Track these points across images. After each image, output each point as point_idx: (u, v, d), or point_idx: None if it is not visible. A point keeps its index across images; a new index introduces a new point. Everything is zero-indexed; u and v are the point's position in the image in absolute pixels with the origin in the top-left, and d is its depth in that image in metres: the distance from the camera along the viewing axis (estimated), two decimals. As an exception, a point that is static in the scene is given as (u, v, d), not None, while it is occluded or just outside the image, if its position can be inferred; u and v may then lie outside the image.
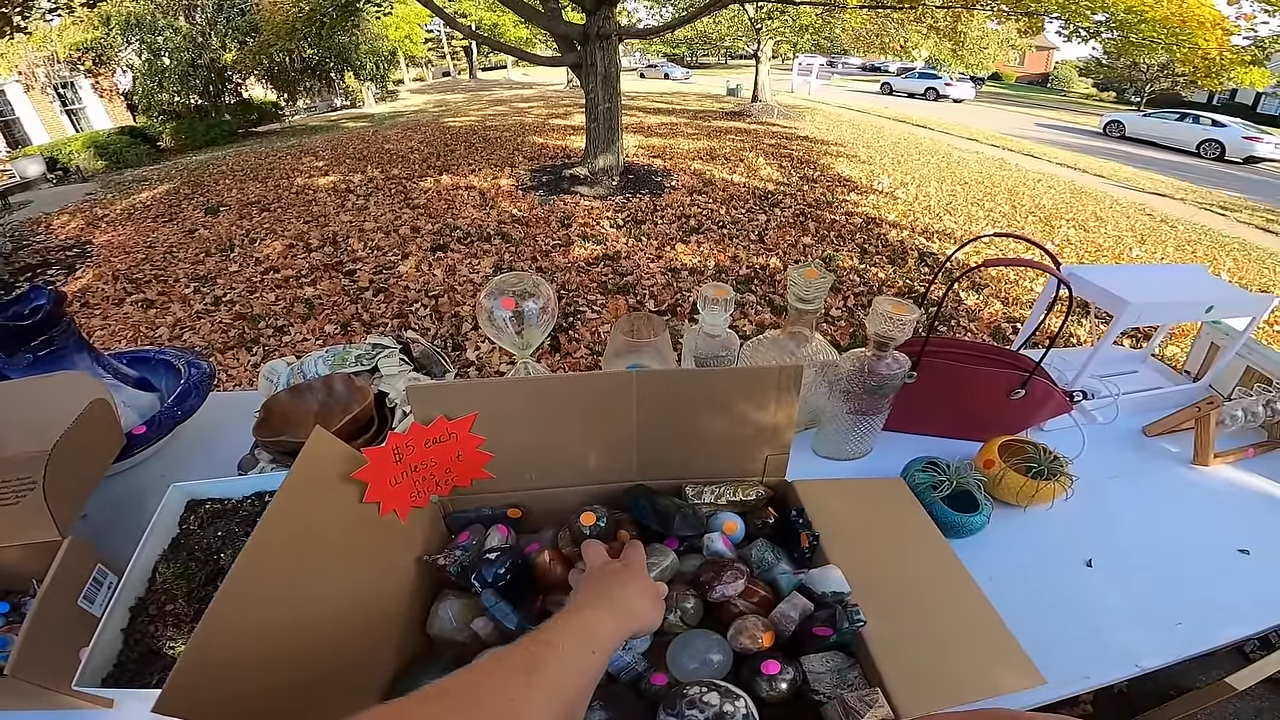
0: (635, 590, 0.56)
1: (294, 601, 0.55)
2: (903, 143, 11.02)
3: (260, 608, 0.51)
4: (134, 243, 5.46)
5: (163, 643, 0.70)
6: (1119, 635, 0.75)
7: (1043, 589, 0.80)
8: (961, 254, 4.82)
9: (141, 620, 0.72)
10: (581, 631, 0.49)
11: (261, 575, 0.52)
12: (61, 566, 0.74)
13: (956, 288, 4.20)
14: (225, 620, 0.48)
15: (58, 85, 14.61)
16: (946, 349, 1.03)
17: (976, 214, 6.42)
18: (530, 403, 0.72)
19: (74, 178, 11.39)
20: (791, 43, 14.40)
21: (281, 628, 0.53)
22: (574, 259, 4.59)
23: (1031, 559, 0.85)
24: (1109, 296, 1.03)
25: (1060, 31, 6.61)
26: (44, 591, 0.71)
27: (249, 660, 0.50)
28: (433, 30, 25.30)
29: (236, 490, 0.87)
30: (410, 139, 10.44)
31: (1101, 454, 1.05)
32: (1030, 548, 0.87)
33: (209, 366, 1.20)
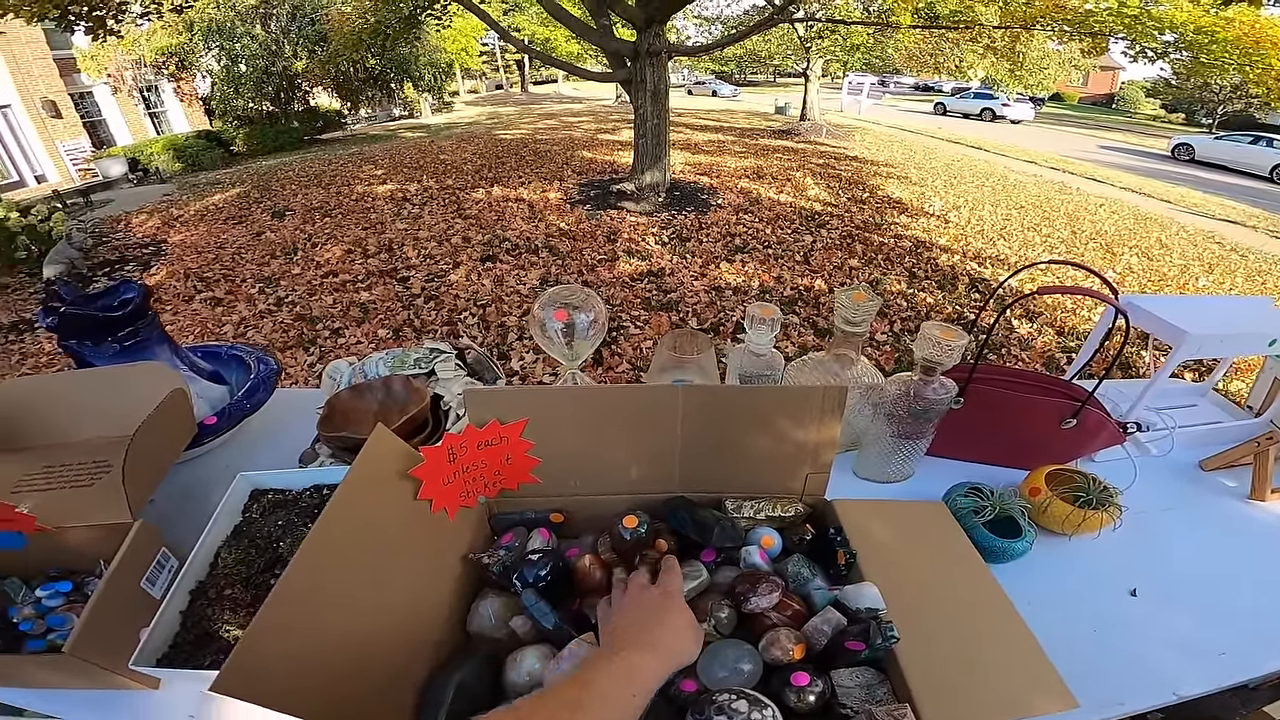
0: (678, 625, 0.57)
1: (348, 591, 0.58)
2: (956, 164, 10.81)
3: (317, 595, 0.54)
4: (205, 243, 5.78)
5: (219, 626, 0.73)
6: (1158, 663, 0.74)
7: (1083, 616, 0.80)
8: (1015, 281, 4.71)
9: (200, 604, 0.75)
10: (624, 675, 0.50)
11: (321, 564, 0.55)
12: (130, 548, 0.77)
13: (1008, 315, 4.10)
14: (285, 606, 0.50)
15: (143, 88, 15.35)
16: (995, 376, 1.03)
17: (1033, 239, 6.25)
18: (579, 411, 0.75)
19: (153, 179, 12.06)
20: (842, 61, 14.25)
21: (335, 615, 0.55)
22: (619, 274, 4.66)
23: (1074, 586, 0.84)
24: (1167, 327, 1.01)
25: (1126, 52, 6.40)
26: (111, 572, 0.74)
27: (303, 645, 0.52)
28: (487, 44, 25.99)
29: (297, 482, 0.91)
30: (464, 150, 10.76)
31: (1154, 486, 1.03)
32: (1073, 575, 0.86)
33: (276, 363, 1.28)
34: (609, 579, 0.72)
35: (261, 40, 14.53)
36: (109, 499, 0.84)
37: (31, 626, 0.80)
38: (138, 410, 0.92)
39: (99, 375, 1.05)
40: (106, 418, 1.00)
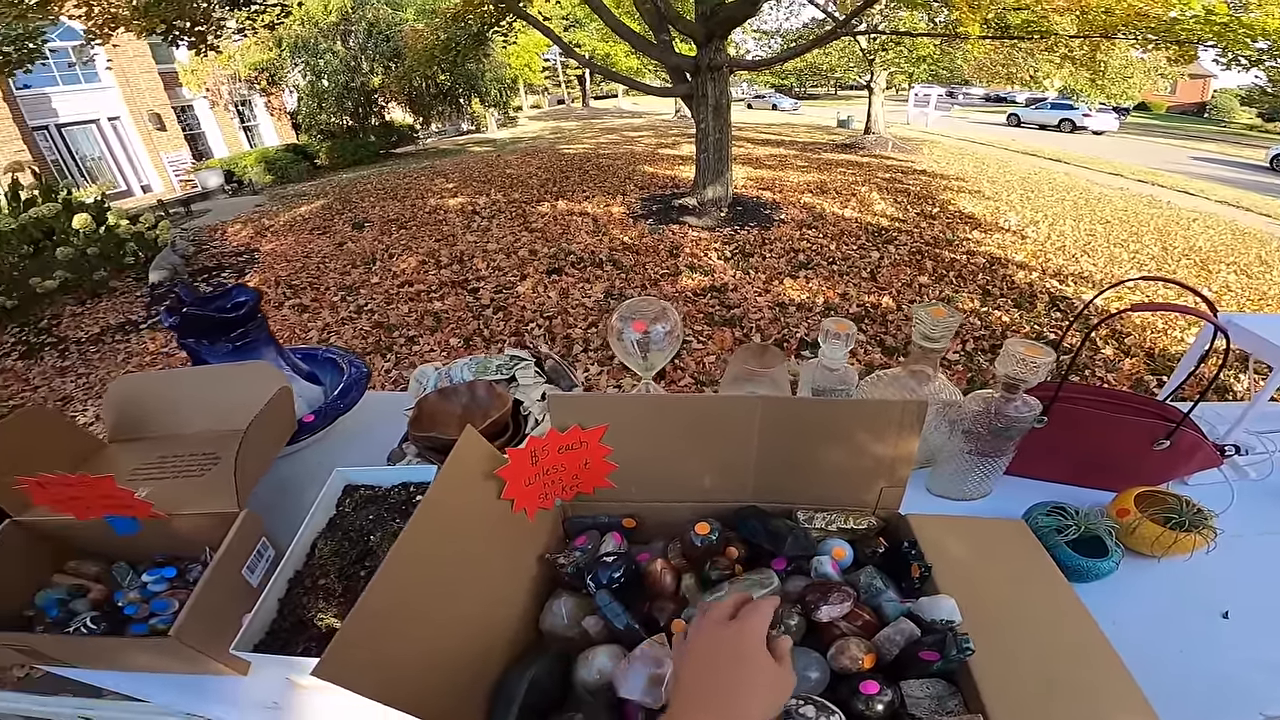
0: (756, 683, 0.47)
1: (435, 584, 0.60)
2: (1033, 178, 10.36)
3: (409, 587, 0.56)
4: (294, 252, 6.18)
5: (314, 614, 0.75)
6: (1247, 684, 0.71)
7: (1171, 637, 0.77)
8: (1100, 300, 4.47)
9: (297, 592, 0.78)
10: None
11: (414, 558, 0.58)
12: (237, 537, 0.81)
13: (1094, 336, 3.90)
14: (381, 596, 0.52)
15: (237, 102, 16.38)
16: (1082, 395, 1.00)
17: (1119, 256, 5.92)
18: (657, 419, 0.77)
19: (246, 190, 12.96)
20: (907, 73, 13.93)
21: (423, 607, 0.58)
22: (681, 289, 4.69)
23: (1162, 608, 0.81)
24: (1269, 347, 0.96)
25: (1217, 60, 6.01)
26: (218, 559, 0.78)
27: (394, 635, 0.54)
28: (549, 59, 26.56)
29: (386, 479, 0.94)
30: (529, 164, 11.09)
31: (1252, 510, 0.97)
32: (1162, 597, 0.83)
33: (366, 367, 1.36)
34: (679, 583, 0.73)
35: (342, 56, 15.21)
36: (217, 489, 0.90)
37: (136, 610, 0.84)
38: (245, 406, 0.98)
39: (210, 373, 1.13)
40: (216, 412, 1.07)
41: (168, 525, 0.87)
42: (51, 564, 0.92)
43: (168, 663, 0.77)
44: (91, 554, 0.93)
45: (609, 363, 3.51)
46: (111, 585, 0.88)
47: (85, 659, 0.81)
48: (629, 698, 0.59)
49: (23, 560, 0.88)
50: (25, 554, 0.89)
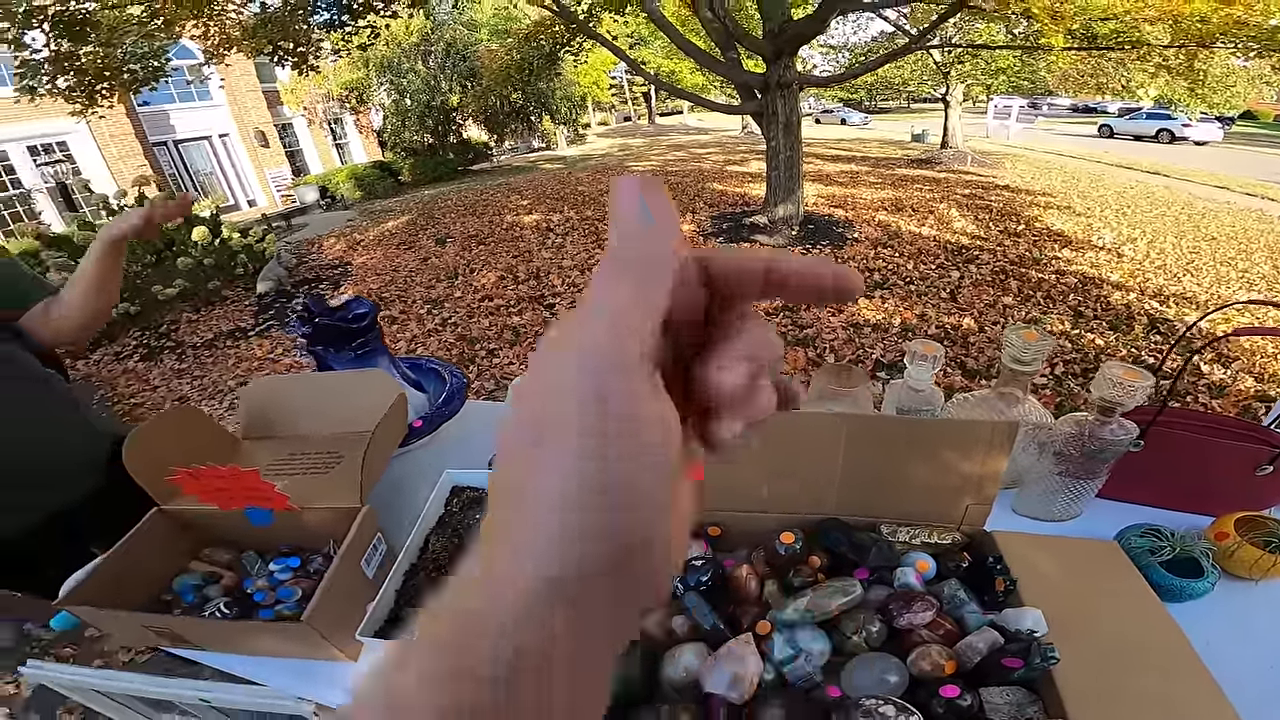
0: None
1: None
2: (1129, 192, 9.73)
3: None
4: (383, 266, 6.58)
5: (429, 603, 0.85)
6: None
7: (1266, 658, 0.75)
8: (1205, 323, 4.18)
9: (412, 584, 0.86)
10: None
11: None
12: (359, 531, 0.87)
13: (1195, 360, 3.66)
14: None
15: (330, 121, 17.44)
16: (1179, 419, 0.98)
17: (1227, 275, 5.50)
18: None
19: (338, 205, 13.75)
20: (985, 85, 13.37)
21: None
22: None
23: (1259, 630, 0.79)
24: None
25: None
26: (344, 551, 0.84)
27: None
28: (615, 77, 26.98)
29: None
30: (599, 181, 11.33)
31: None
32: (1259, 619, 0.81)
33: (465, 377, 1.47)
34: (762, 589, 0.77)
35: (422, 76, 15.87)
36: (341, 486, 0.99)
37: (264, 597, 0.90)
38: (364, 410, 1.08)
39: (334, 378, 1.24)
40: (339, 415, 1.16)
41: (295, 518, 0.95)
42: (189, 552, 1.00)
43: (294, 646, 0.83)
44: (224, 543, 1.02)
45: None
46: (241, 573, 0.96)
47: (219, 641, 0.88)
48: (714, 692, 0.63)
49: (164, 547, 0.98)
50: (167, 541, 0.98)
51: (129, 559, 0.91)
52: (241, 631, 0.84)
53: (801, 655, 0.67)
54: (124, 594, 0.88)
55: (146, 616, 0.81)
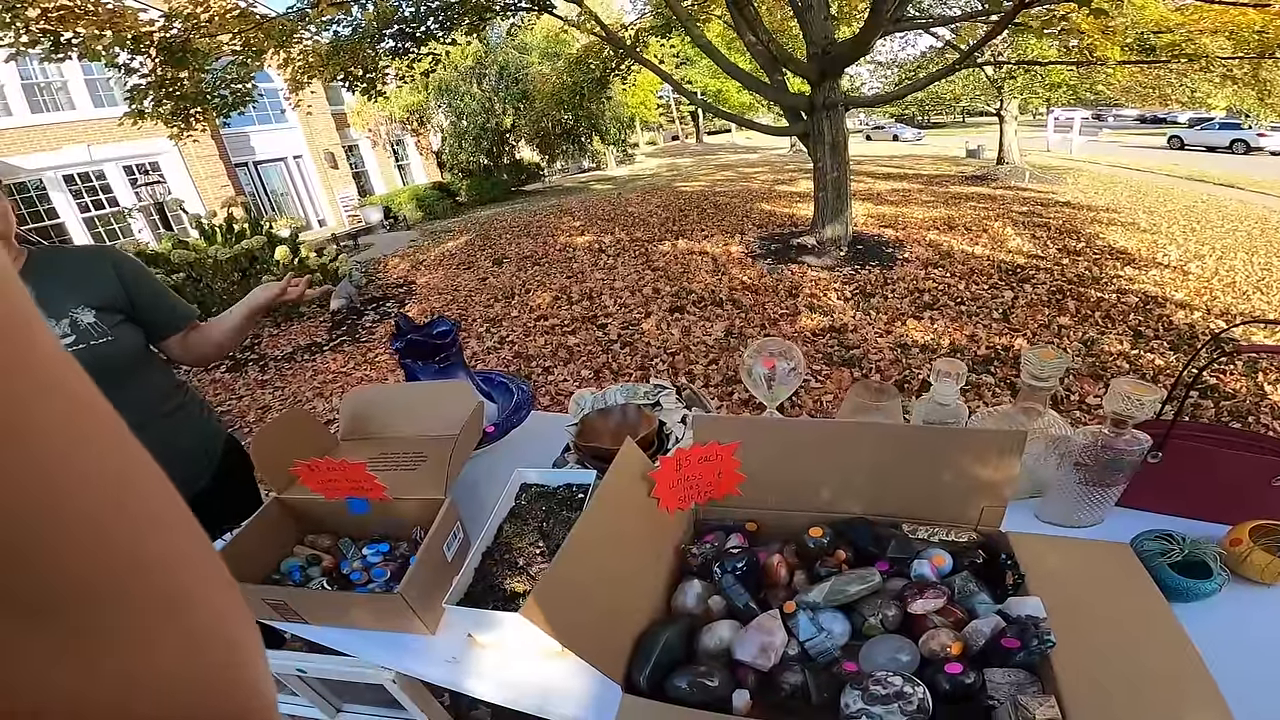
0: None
1: (601, 559, 0.77)
2: (1198, 207, 9.29)
3: (583, 559, 0.73)
4: (444, 285, 6.88)
5: (501, 580, 0.96)
6: None
7: (1269, 658, 0.79)
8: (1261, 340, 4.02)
9: (488, 563, 1.00)
10: None
11: (587, 536, 0.76)
12: (444, 518, 1.01)
13: (1259, 381, 3.53)
14: (565, 563, 0.69)
15: (393, 142, 17.88)
16: (1198, 432, 1.04)
17: (1301, 293, 5.25)
18: (783, 440, 0.93)
19: (400, 225, 14.18)
20: (1043, 98, 12.96)
21: (592, 575, 0.74)
22: (800, 329, 4.72)
23: (1268, 633, 0.83)
24: None
25: None
26: (432, 534, 0.98)
27: (572, 593, 0.69)
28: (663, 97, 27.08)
29: (554, 479, 1.17)
30: (648, 202, 11.50)
31: None
32: (1269, 622, 0.85)
33: (530, 389, 1.63)
34: (791, 577, 0.86)
35: (478, 98, 16.31)
36: (428, 481, 1.13)
37: (359, 577, 1.04)
38: (446, 417, 1.23)
39: (421, 388, 1.41)
40: (424, 420, 1.32)
41: (386, 508, 1.10)
42: (295, 538, 1.16)
43: (384, 617, 0.95)
44: (324, 530, 1.18)
45: (728, 398, 3.66)
46: (339, 556, 1.11)
47: (323, 612, 0.99)
48: (743, 659, 0.72)
49: (277, 531, 1.14)
50: (279, 526, 1.14)
51: (249, 540, 1.07)
52: (342, 603, 0.97)
53: (823, 633, 0.74)
54: (241, 573, 1.00)
55: (265, 589, 0.95)
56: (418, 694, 1.07)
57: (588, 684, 0.87)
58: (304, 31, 7.11)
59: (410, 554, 1.05)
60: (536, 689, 0.88)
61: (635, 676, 0.71)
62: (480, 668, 0.92)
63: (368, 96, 7.91)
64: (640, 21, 9.84)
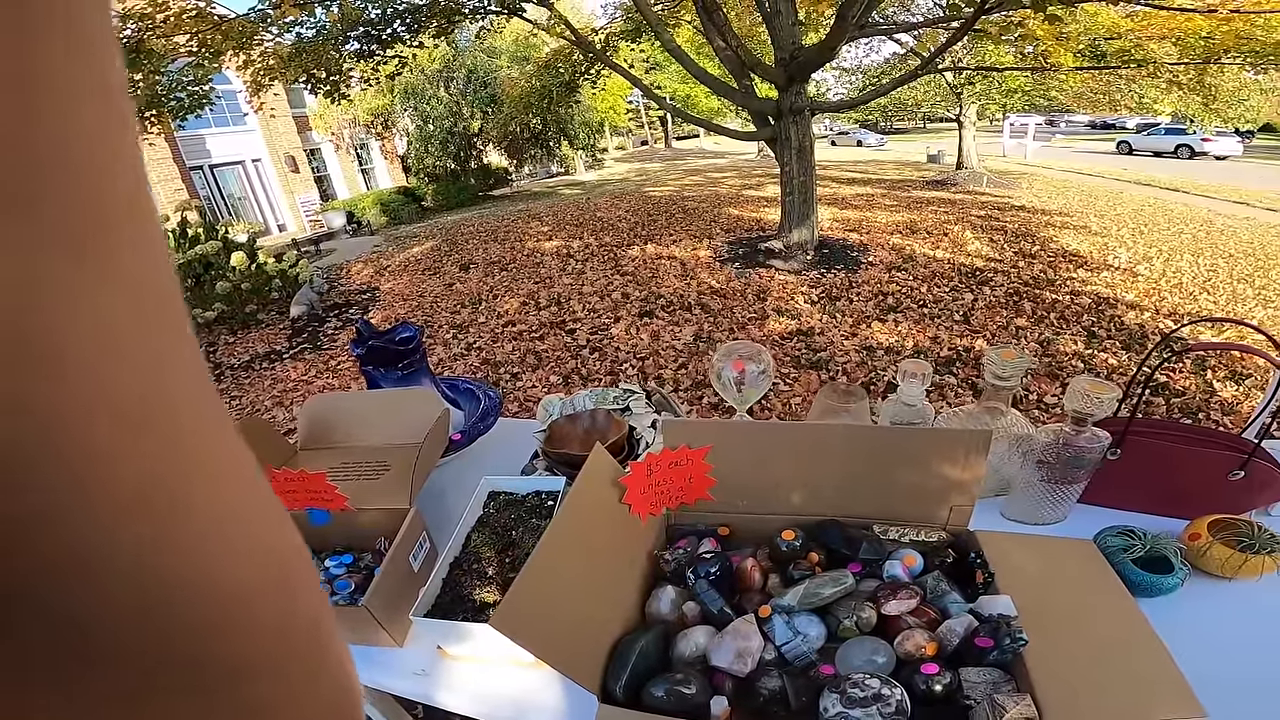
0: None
1: (573, 566, 0.76)
2: (1146, 210, 9.69)
3: (553, 568, 0.73)
4: (409, 291, 6.76)
5: (469, 590, 0.93)
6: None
7: (1238, 652, 0.81)
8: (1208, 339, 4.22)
9: (456, 574, 0.96)
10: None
11: (558, 543, 0.75)
12: (409, 528, 0.98)
13: (1209, 379, 3.69)
14: (533, 573, 0.69)
15: (357, 146, 17.52)
16: (1156, 428, 1.06)
17: (1243, 292, 5.50)
18: (753, 443, 0.92)
19: (364, 230, 13.90)
20: (1000, 104, 13.41)
21: (563, 583, 0.74)
22: (768, 332, 4.76)
23: (1228, 625, 0.85)
24: None
25: None
26: (396, 545, 0.95)
27: (543, 602, 0.68)
28: (632, 102, 27.13)
29: (523, 487, 1.14)
30: (618, 207, 11.49)
31: None
32: (1228, 614, 0.87)
33: (499, 395, 1.60)
34: (765, 580, 0.85)
35: (445, 102, 16.13)
36: (391, 490, 1.10)
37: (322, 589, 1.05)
38: (410, 424, 1.19)
39: (384, 395, 1.37)
40: (387, 428, 1.27)
41: (349, 519, 1.06)
42: None
43: (349, 629, 0.92)
44: None
45: (698, 402, 3.67)
46: None
47: None
48: (720, 665, 0.72)
49: None
50: None
51: None
52: None
53: (799, 637, 0.74)
54: None
55: None
56: (387, 707, 1.04)
57: (563, 694, 0.86)
58: (265, 33, 6.95)
59: (375, 565, 1.01)
60: (510, 700, 0.86)
61: (611, 686, 0.70)
62: (451, 680, 0.90)
63: (330, 99, 7.76)
64: (610, 26, 9.85)
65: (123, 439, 0.13)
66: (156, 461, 0.14)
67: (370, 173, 18.54)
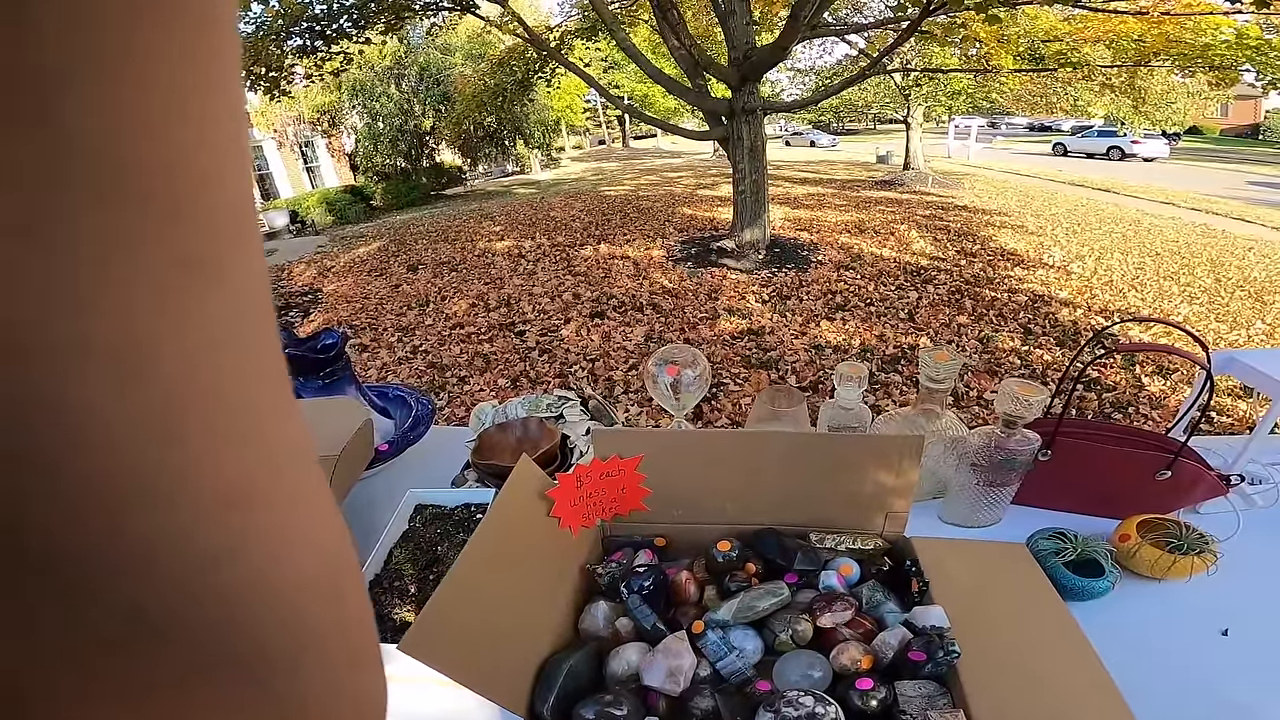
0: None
1: (496, 583, 0.72)
2: (1079, 210, 10.17)
3: (475, 585, 0.69)
4: (353, 293, 6.54)
5: (390, 610, 0.88)
6: (1243, 703, 0.75)
7: (1168, 654, 0.81)
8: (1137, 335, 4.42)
9: (377, 592, 0.91)
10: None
11: (479, 561, 0.70)
12: None
13: (1137, 373, 3.86)
14: (452, 589, 0.65)
15: (301, 144, 17.05)
16: (1085, 429, 1.07)
17: (1169, 289, 5.79)
18: (687, 451, 0.89)
19: (309, 230, 13.51)
20: (945, 106, 13.88)
21: (485, 601, 0.70)
22: (719, 332, 4.78)
23: (1159, 627, 0.86)
24: (1267, 380, 1.03)
25: (1253, 84, 5.98)
26: None
27: (463, 621, 0.66)
28: (589, 101, 27.19)
29: (451, 500, 1.09)
30: (572, 207, 11.43)
31: (1259, 537, 1.01)
32: (1158, 616, 0.87)
33: (432, 404, 1.53)
34: (702, 593, 0.83)
35: (396, 99, 15.85)
36: None
37: None
38: (332, 436, 1.11)
39: (305, 406, 1.29)
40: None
41: None
42: None
43: None
44: None
45: (648, 404, 3.64)
46: None
47: None
48: (651, 684, 0.68)
49: None
50: None
51: None
52: None
53: (734, 653, 0.72)
54: None
55: None
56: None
57: (493, 717, 0.81)
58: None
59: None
60: (437, 721, 0.82)
61: (539, 708, 0.67)
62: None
63: (271, 97, 7.48)
64: (566, 24, 9.75)
65: (218, 441, 0.14)
66: (248, 462, 0.15)
67: (315, 171, 18.03)
